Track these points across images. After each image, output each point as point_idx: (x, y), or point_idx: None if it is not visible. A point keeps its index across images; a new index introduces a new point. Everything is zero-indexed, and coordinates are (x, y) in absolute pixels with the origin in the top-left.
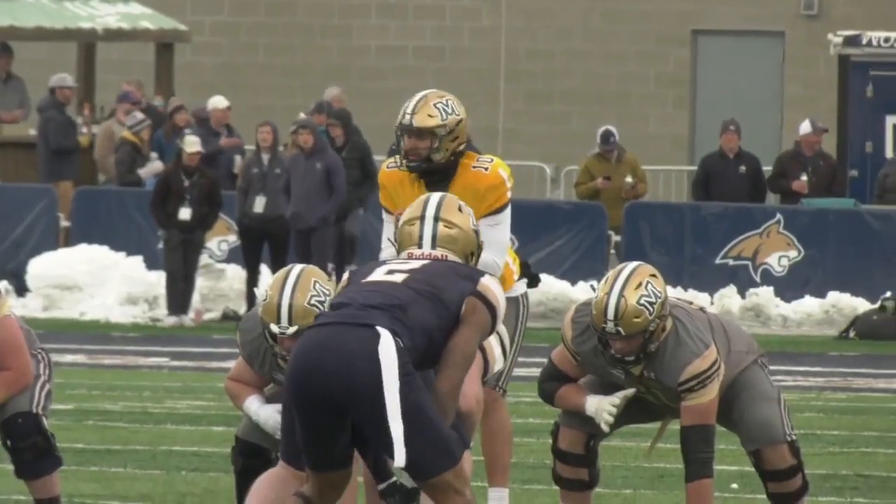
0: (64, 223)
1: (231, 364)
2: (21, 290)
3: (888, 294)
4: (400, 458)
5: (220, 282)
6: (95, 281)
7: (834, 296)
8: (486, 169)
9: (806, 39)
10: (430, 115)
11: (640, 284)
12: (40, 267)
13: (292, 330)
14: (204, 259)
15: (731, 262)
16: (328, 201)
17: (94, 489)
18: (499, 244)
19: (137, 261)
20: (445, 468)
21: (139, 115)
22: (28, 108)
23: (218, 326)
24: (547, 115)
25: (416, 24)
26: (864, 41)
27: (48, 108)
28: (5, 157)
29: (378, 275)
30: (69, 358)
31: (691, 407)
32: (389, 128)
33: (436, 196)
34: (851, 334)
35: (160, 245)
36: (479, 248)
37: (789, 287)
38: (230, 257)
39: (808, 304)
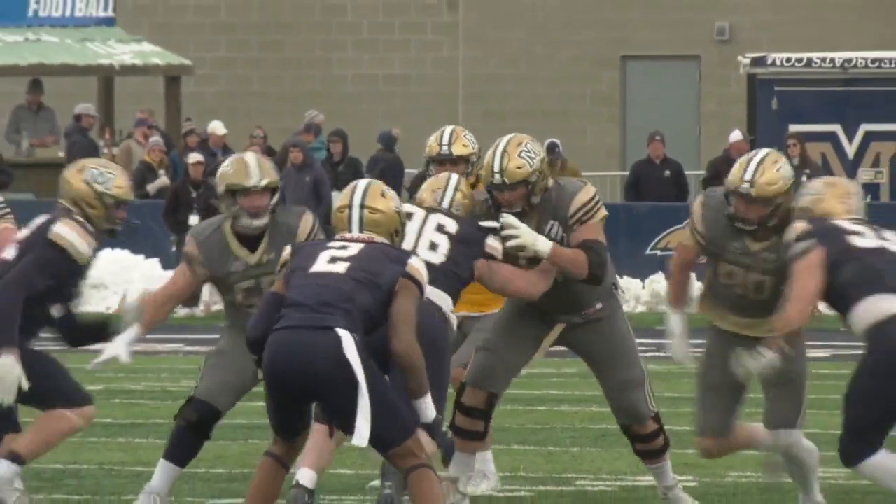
0: None
1: None
2: None
3: None
4: (363, 440)
5: None
6: (119, 280)
7: None
8: None
9: (719, 62)
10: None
11: (520, 143)
12: None
13: (264, 182)
14: None
15: (658, 252)
16: (316, 209)
17: (122, 458)
18: None
19: (154, 262)
20: (405, 438)
21: (159, 140)
22: (57, 134)
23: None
24: (501, 131)
25: (385, 55)
26: (769, 62)
27: (74, 132)
28: (39, 176)
29: (322, 263)
30: (97, 346)
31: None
32: (365, 144)
33: (362, 185)
34: None
35: (173, 248)
36: (403, 225)
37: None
38: None
39: None
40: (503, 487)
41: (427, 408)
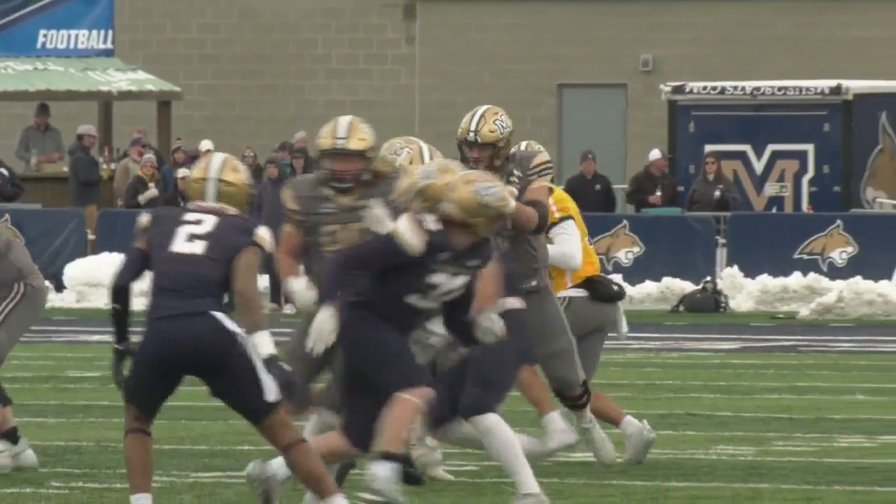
0: (91, 237)
1: None
2: (59, 287)
3: (707, 278)
4: (273, 394)
5: None
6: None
7: (667, 280)
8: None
9: (643, 89)
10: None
11: (496, 113)
12: (74, 270)
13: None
14: None
15: None
16: None
17: (117, 435)
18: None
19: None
20: (273, 406)
21: (152, 157)
22: (62, 152)
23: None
24: (453, 151)
25: (352, 83)
26: (687, 90)
27: (77, 150)
28: (45, 190)
29: (181, 243)
30: (96, 337)
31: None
32: None
33: (218, 158)
34: (681, 309)
35: None
36: (252, 197)
37: (634, 274)
38: None
39: (648, 287)
40: (453, 463)
41: (262, 343)
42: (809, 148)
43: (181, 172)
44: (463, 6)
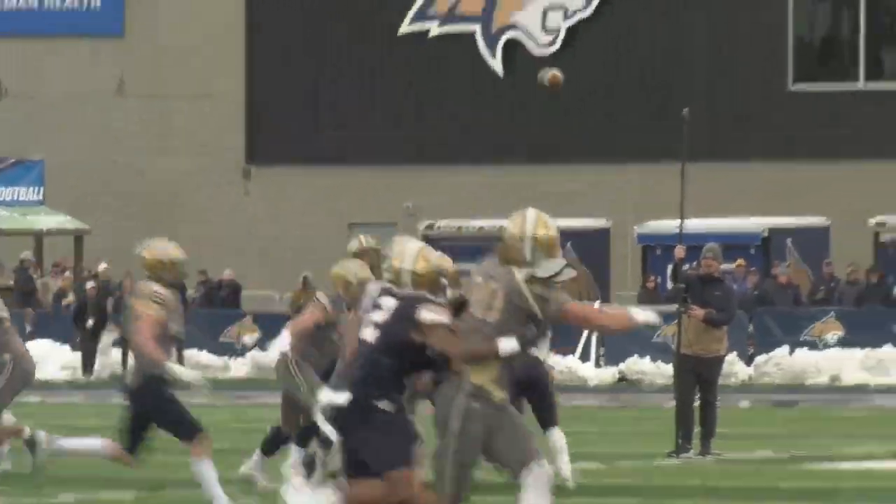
0: (28, 329)
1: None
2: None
3: None
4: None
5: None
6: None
7: None
8: None
9: (403, 230)
10: None
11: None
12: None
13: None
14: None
15: None
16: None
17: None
18: None
19: (66, 347)
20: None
21: (70, 275)
22: (8, 271)
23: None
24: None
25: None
26: (437, 226)
27: (19, 270)
28: None
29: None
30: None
31: None
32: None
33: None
34: None
35: (77, 339)
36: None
37: None
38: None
39: None
40: None
41: None
42: None
43: (88, 285)
44: (286, 169)
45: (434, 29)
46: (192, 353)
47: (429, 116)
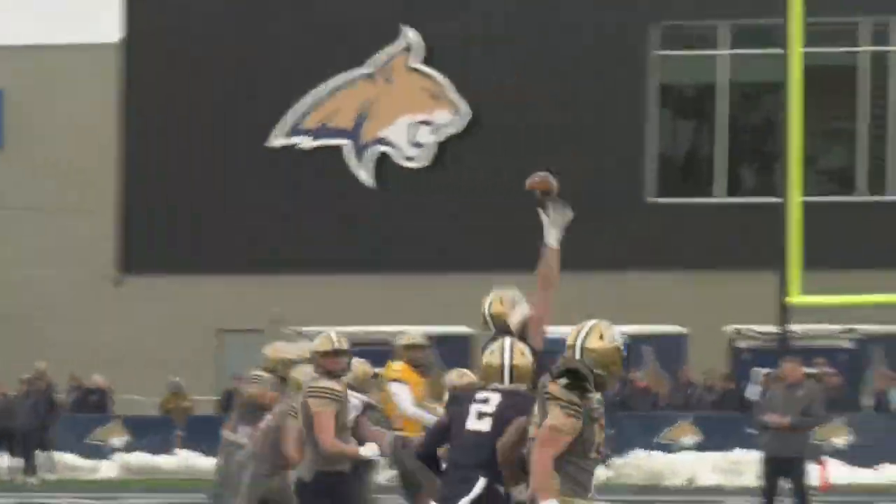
0: None
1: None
2: None
3: None
4: None
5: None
6: None
7: None
8: None
9: (275, 336)
10: None
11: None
12: None
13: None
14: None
15: None
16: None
17: None
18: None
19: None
20: None
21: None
22: None
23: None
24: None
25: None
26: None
27: None
28: None
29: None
30: None
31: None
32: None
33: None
34: None
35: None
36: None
37: None
38: None
39: None
40: None
41: None
42: None
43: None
44: (157, 278)
45: (305, 142)
46: (60, 455)
47: (303, 226)
